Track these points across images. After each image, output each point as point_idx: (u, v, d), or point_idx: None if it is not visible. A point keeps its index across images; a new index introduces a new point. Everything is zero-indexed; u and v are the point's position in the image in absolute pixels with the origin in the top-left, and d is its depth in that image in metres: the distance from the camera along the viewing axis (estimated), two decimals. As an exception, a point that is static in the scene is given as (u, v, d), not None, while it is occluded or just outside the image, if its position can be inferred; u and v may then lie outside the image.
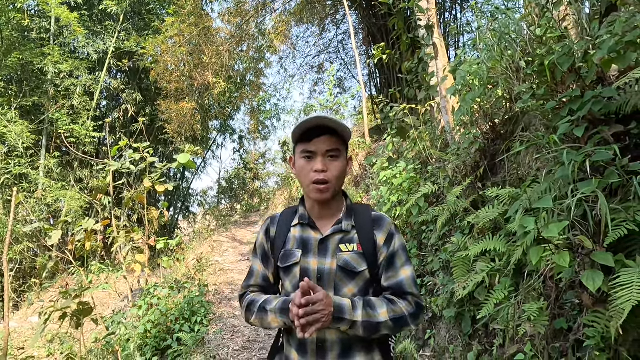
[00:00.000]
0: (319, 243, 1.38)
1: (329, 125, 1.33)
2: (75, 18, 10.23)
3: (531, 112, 2.73)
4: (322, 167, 1.32)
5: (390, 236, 1.39)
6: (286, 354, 1.42)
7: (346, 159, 1.41)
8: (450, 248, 3.15)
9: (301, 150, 1.36)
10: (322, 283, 1.35)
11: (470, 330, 2.80)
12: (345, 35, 13.58)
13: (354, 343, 1.33)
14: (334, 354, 1.32)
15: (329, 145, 1.34)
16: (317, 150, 1.34)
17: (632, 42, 1.79)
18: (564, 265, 1.54)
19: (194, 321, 4.95)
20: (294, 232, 1.44)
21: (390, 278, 1.37)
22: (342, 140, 1.38)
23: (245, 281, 1.53)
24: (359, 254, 1.36)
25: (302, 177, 1.37)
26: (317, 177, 1.32)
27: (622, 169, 1.72)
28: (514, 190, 2.52)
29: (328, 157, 1.34)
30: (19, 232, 8.61)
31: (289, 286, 1.41)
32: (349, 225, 1.39)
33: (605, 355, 1.66)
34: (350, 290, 1.35)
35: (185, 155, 5.57)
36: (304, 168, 1.35)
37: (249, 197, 18.59)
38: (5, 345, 3.36)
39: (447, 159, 3.73)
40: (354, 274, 1.34)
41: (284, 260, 1.40)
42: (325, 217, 1.42)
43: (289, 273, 1.40)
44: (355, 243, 1.37)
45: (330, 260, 1.36)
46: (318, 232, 1.40)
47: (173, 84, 11.15)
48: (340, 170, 1.37)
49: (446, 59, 4.70)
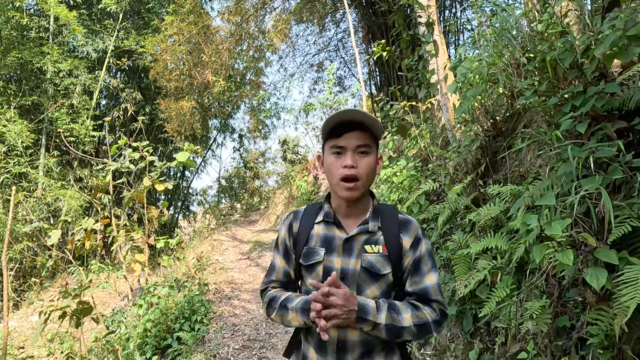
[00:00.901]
0: (343, 242, 1.35)
1: (361, 119, 1.28)
2: (74, 17, 10.21)
3: (533, 109, 2.71)
4: (352, 162, 1.28)
5: (416, 240, 1.36)
6: (304, 352, 1.40)
7: (377, 155, 1.36)
8: (451, 246, 3.13)
9: (331, 145, 1.32)
10: (346, 283, 1.31)
11: (471, 328, 2.79)
12: (345, 34, 13.54)
13: (376, 345, 1.31)
14: (355, 354, 1.30)
15: (360, 140, 1.30)
16: (347, 145, 1.29)
17: (635, 36, 1.77)
18: (567, 263, 1.52)
19: (194, 320, 4.94)
20: (317, 230, 1.40)
21: (415, 283, 1.34)
22: (373, 136, 1.33)
23: (267, 276, 1.51)
24: (384, 256, 1.32)
25: (331, 173, 1.33)
26: (346, 173, 1.28)
27: (625, 165, 1.70)
28: (515, 187, 2.50)
29: (358, 153, 1.30)
30: (19, 231, 8.60)
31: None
32: (376, 226, 1.36)
33: (609, 353, 1.65)
34: (373, 292, 1.32)
35: (185, 153, 5.55)
36: (333, 164, 1.31)
37: (249, 196, 18.60)
38: (5, 344, 3.35)
39: (447, 157, 3.71)
40: (378, 276, 1.32)
41: (307, 258, 1.37)
42: (352, 216, 1.39)
43: (312, 271, 1.37)
44: (380, 245, 1.34)
45: (355, 260, 1.33)
46: (343, 231, 1.37)
47: (172, 82, 11.12)
48: (371, 167, 1.32)
49: (446, 56, 4.68)
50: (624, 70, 2.02)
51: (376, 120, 1.29)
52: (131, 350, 4.14)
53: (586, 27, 2.21)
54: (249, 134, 18.60)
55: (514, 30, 2.72)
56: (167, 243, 5.97)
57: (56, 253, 7.60)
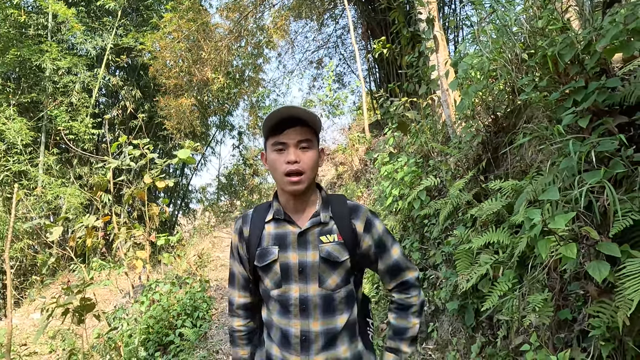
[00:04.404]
0: (297, 236, 1.37)
1: (300, 115, 1.30)
2: (72, 14, 10.16)
3: (534, 104, 2.72)
4: (294, 157, 1.30)
5: (369, 223, 1.40)
6: (267, 350, 1.41)
7: (318, 149, 1.38)
8: (452, 241, 3.15)
9: (272, 142, 1.33)
10: (305, 276, 1.34)
11: (473, 322, 2.81)
12: (344, 30, 13.53)
13: (338, 334, 1.34)
14: (318, 345, 1.32)
15: (301, 135, 1.32)
16: (288, 141, 1.31)
17: (636, 29, 1.78)
18: (570, 256, 1.54)
19: (196, 316, 4.96)
20: (268, 229, 1.41)
21: (385, 261, 1.42)
22: (313, 130, 1.35)
23: (230, 284, 1.52)
24: (340, 244, 1.36)
25: (275, 170, 1.34)
26: (290, 169, 1.30)
27: (627, 159, 1.71)
28: (517, 182, 2.52)
29: (300, 148, 1.32)
30: (19, 229, 8.59)
31: (269, 283, 1.38)
32: (327, 217, 1.39)
33: (610, 345, 1.67)
34: (334, 280, 1.35)
35: (185, 150, 5.56)
36: (276, 161, 1.33)
37: (249, 193, 18.56)
38: (9, 341, 3.37)
39: (448, 153, 3.73)
40: (336, 264, 1.35)
41: (262, 259, 1.38)
42: (301, 210, 1.40)
43: (269, 271, 1.37)
44: (335, 234, 1.37)
45: (312, 252, 1.35)
46: (295, 225, 1.38)
47: (172, 80, 11.10)
48: (313, 160, 1.34)
49: (447, 53, 4.68)
50: (625, 65, 2.03)
51: (315, 115, 1.32)
52: (135, 346, 4.16)
53: (587, 22, 2.22)
54: (249, 131, 18.55)
55: (515, 26, 2.73)
56: (167, 240, 5.98)
57: (57, 250, 7.61)
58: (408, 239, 4.04)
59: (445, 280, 3.20)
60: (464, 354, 2.85)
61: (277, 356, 1.36)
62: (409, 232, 4.14)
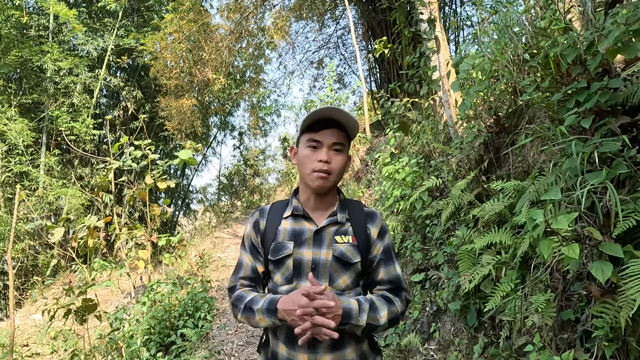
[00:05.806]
0: (314, 234, 1.39)
1: (341, 118, 1.35)
2: (73, 15, 10.18)
3: (536, 105, 2.72)
4: (326, 158, 1.34)
5: (382, 231, 1.45)
6: (272, 348, 1.41)
7: (348, 155, 1.42)
8: (455, 241, 3.15)
9: (307, 139, 1.37)
10: (317, 273, 1.35)
11: (475, 322, 2.81)
12: (345, 31, 13.53)
13: (346, 334, 1.34)
14: (325, 344, 1.32)
15: (336, 138, 1.36)
16: (323, 141, 1.35)
17: (638, 31, 1.78)
18: (573, 256, 1.54)
19: (197, 317, 4.96)
20: (284, 225, 1.43)
21: (389, 272, 1.43)
22: (347, 136, 1.39)
23: (234, 274, 1.51)
24: (353, 246, 1.38)
25: (304, 165, 1.37)
26: (320, 167, 1.33)
27: (629, 160, 1.71)
28: (519, 183, 2.52)
29: (333, 150, 1.36)
30: (21, 229, 8.61)
31: (279, 279, 1.39)
32: (344, 218, 1.42)
33: (613, 346, 1.67)
34: (344, 281, 1.37)
35: (187, 151, 5.57)
36: (308, 157, 1.36)
37: (249, 193, 18.57)
38: (11, 342, 3.37)
39: (450, 153, 3.73)
40: (349, 264, 1.37)
41: (276, 253, 1.39)
42: (320, 209, 1.43)
43: (281, 265, 1.39)
44: (350, 235, 1.39)
45: (326, 250, 1.37)
46: (312, 223, 1.41)
47: (173, 80, 11.10)
48: (342, 164, 1.38)
49: (448, 53, 4.69)
50: (628, 66, 2.03)
51: (355, 123, 1.36)
52: (138, 347, 4.16)
53: (589, 23, 2.22)
54: (249, 132, 18.59)
55: (516, 26, 2.73)
56: (168, 241, 5.99)
57: (58, 251, 7.62)
58: (410, 239, 4.04)
59: (447, 281, 3.20)
60: (466, 354, 2.85)
61: (283, 355, 1.36)
62: (411, 232, 4.14)
